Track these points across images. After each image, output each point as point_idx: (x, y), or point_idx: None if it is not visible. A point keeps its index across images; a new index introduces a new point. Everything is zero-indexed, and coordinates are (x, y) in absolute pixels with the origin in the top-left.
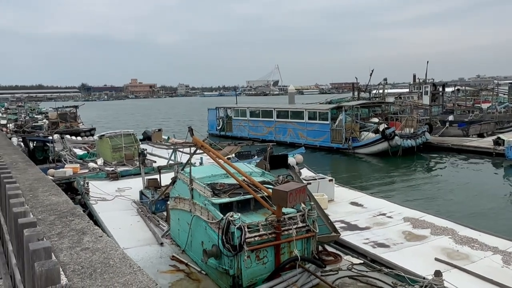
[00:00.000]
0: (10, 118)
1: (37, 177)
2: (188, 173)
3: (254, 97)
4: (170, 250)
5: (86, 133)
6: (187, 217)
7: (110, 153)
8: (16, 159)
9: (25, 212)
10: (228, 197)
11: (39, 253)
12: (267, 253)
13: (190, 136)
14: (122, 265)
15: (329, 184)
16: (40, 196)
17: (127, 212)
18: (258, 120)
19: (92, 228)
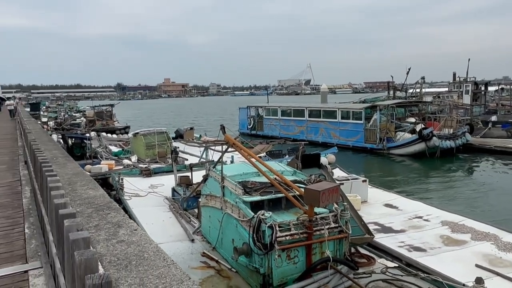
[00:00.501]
0: (50, 116)
1: (76, 172)
2: (219, 170)
3: (285, 96)
4: (201, 247)
5: (121, 131)
6: (218, 215)
7: (143, 151)
8: (56, 154)
9: (65, 204)
10: (259, 196)
11: (78, 243)
12: (298, 253)
13: (222, 134)
14: (156, 258)
15: (362, 185)
16: (79, 190)
17: (159, 208)
18: (289, 119)
19: (127, 221)
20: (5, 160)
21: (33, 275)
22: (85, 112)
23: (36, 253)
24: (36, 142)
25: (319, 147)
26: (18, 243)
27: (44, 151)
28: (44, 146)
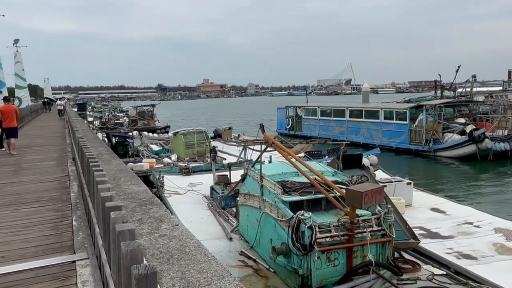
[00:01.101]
0: (96, 116)
1: (120, 168)
2: (258, 170)
3: (325, 96)
4: (238, 246)
5: (162, 130)
6: (256, 214)
7: (183, 150)
8: (101, 151)
9: (111, 197)
10: (298, 196)
11: (124, 234)
12: (338, 255)
13: (261, 134)
14: (197, 253)
15: (406, 187)
16: (123, 185)
17: (198, 206)
18: (329, 119)
19: (169, 216)
20: (55, 156)
21: (80, 265)
22: (128, 112)
23: (83, 244)
24: (83, 139)
25: (360, 148)
26: (67, 234)
27: (91, 148)
28: (91, 144)
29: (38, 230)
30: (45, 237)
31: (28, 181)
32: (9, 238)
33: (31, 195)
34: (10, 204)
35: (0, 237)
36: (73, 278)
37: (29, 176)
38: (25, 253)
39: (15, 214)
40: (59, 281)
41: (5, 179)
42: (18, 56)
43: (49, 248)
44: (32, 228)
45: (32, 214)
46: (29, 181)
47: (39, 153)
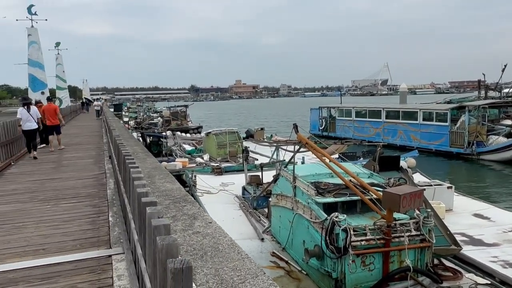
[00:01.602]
0: (131, 116)
1: (154, 166)
2: (291, 170)
3: (359, 97)
4: (270, 246)
5: (194, 131)
6: (289, 215)
7: (215, 150)
8: (136, 150)
9: (146, 193)
10: (332, 197)
11: (159, 229)
12: (374, 259)
13: (294, 134)
14: (231, 251)
15: (447, 191)
16: (157, 183)
17: (229, 206)
18: (364, 120)
19: (203, 214)
20: (92, 154)
21: (116, 260)
22: (161, 112)
23: (118, 239)
24: (119, 138)
25: (397, 150)
26: (103, 229)
27: (127, 146)
28: (126, 142)
29: (76, 224)
30: (83, 231)
31: (67, 178)
32: (49, 232)
33: (70, 191)
34: (51, 199)
35: (41, 230)
36: (109, 272)
37: (68, 173)
38: (65, 246)
39: (55, 209)
40: (96, 274)
41: (46, 175)
42: (59, 58)
43: (87, 242)
44: (71, 222)
45: (71, 209)
46: (68, 178)
47: (77, 151)
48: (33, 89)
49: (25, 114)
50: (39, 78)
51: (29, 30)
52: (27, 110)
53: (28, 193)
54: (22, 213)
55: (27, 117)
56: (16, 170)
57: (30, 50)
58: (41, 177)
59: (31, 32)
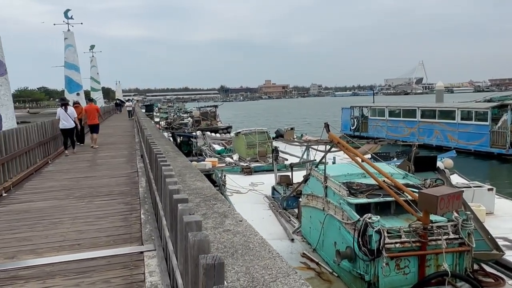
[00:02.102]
0: (162, 117)
1: (185, 165)
2: (322, 170)
3: (393, 96)
4: (300, 247)
5: (224, 131)
6: (320, 216)
7: (245, 150)
8: (167, 149)
9: (178, 190)
10: (365, 198)
11: (191, 225)
12: (409, 263)
13: (325, 133)
14: (262, 250)
15: (487, 194)
16: (188, 181)
17: (259, 206)
18: (398, 120)
19: (233, 212)
20: (125, 154)
21: (148, 256)
22: (191, 112)
23: (150, 236)
24: (151, 137)
25: (433, 150)
26: (135, 226)
27: (158, 145)
28: (158, 142)
29: (109, 221)
30: (116, 228)
31: (101, 176)
32: (84, 227)
33: (104, 188)
34: (86, 196)
35: (77, 226)
36: (141, 268)
37: (102, 171)
38: (98, 242)
39: (89, 206)
40: (128, 269)
41: (81, 173)
42: (93, 61)
43: (119, 238)
44: (104, 219)
45: (105, 206)
46: (102, 176)
47: (111, 150)
48: (69, 91)
49: (63, 114)
50: (75, 80)
51: (65, 33)
52: (64, 110)
53: (65, 190)
54: (59, 209)
55: (64, 117)
56: (52, 168)
57: (66, 53)
58: (76, 175)
59: (68, 35)
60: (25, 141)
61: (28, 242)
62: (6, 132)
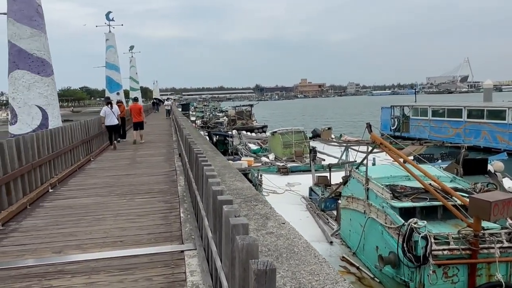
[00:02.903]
0: (198, 116)
1: (224, 165)
2: (363, 172)
3: (435, 95)
4: (340, 250)
5: (259, 130)
6: (361, 219)
7: (281, 149)
8: (206, 148)
9: (221, 191)
10: (410, 202)
11: (238, 228)
12: (458, 271)
13: (366, 134)
14: (307, 254)
15: None
16: (227, 181)
17: (296, 207)
18: (442, 120)
19: (275, 214)
20: (163, 152)
21: (188, 256)
22: (227, 111)
23: (190, 235)
24: (190, 137)
25: (481, 152)
26: (175, 225)
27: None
28: (196, 141)
29: (150, 219)
30: (156, 226)
31: (141, 174)
32: (126, 225)
33: (144, 186)
34: (127, 194)
35: (119, 223)
36: (182, 267)
37: (142, 169)
38: (140, 239)
39: (130, 203)
40: (169, 268)
41: (122, 171)
42: (133, 61)
43: (160, 236)
44: (145, 217)
45: (145, 204)
46: (142, 174)
47: (149, 149)
48: (110, 90)
49: (108, 112)
50: (115, 80)
51: (107, 35)
52: (110, 108)
53: (107, 188)
54: (102, 206)
55: (110, 114)
56: (95, 166)
57: (107, 53)
58: (117, 172)
59: (109, 37)
60: (69, 139)
61: (73, 238)
62: (52, 130)
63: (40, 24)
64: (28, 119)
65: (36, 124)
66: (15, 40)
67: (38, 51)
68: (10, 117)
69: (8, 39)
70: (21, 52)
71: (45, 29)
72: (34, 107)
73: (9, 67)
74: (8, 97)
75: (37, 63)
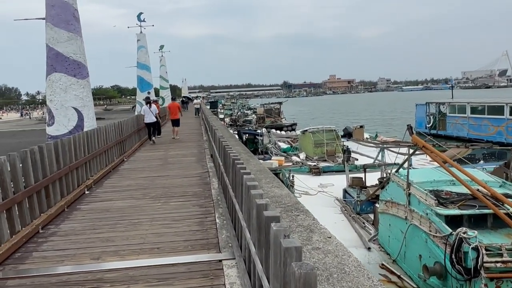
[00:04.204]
0: (226, 113)
1: (259, 168)
2: (403, 176)
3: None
4: (378, 257)
5: (288, 128)
6: (401, 225)
7: (311, 148)
8: (239, 150)
9: (266, 205)
10: (457, 209)
11: (291, 251)
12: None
13: (407, 136)
14: (360, 275)
15: None
16: (265, 187)
17: (330, 209)
18: (482, 117)
19: (319, 226)
20: (194, 152)
21: (227, 266)
22: (255, 109)
23: (227, 243)
24: (224, 139)
25: None
26: (211, 231)
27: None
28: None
29: (186, 224)
30: (192, 232)
31: (174, 176)
32: (162, 230)
33: (178, 189)
34: (161, 196)
35: (155, 228)
36: (221, 278)
37: (175, 170)
38: (177, 246)
39: (165, 207)
40: (208, 279)
41: (155, 172)
42: (162, 60)
43: (197, 244)
44: (181, 222)
45: (180, 208)
46: (175, 176)
47: (181, 149)
48: (141, 89)
49: (147, 111)
50: (146, 79)
51: (138, 35)
52: (149, 107)
53: (141, 190)
54: (137, 209)
55: (148, 113)
56: (128, 166)
57: (139, 54)
58: (150, 174)
59: (140, 37)
60: (104, 140)
61: (111, 243)
62: (88, 132)
63: (77, 28)
64: (65, 121)
65: (72, 125)
66: (52, 44)
67: (74, 54)
68: (47, 118)
69: (46, 43)
70: (59, 55)
71: (81, 33)
72: (70, 108)
73: (47, 70)
74: (46, 99)
75: (74, 65)
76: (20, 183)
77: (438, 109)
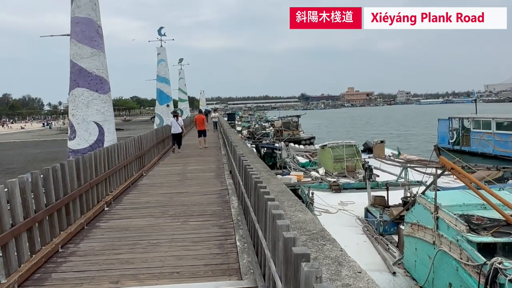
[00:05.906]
0: (243, 126)
1: (280, 189)
2: (431, 198)
3: (495, 104)
4: (404, 283)
5: (306, 141)
6: (429, 250)
7: (331, 164)
8: (258, 168)
9: (295, 239)
10: (491, 236)
11: None
12: None
13: (434, 156)
14: None
15: None
16: (287, 211)
17: (351, 229)
18: (508, 133)
19: (348, 259)
20: (213, 168)
21: None
22: (273, 122)
23: (248, 269)
24: (245, 158)
25: None
26: (232, 255)
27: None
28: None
29: (205, 246)
30: (212, 255)
31: (193, 192)
32: (182, 253)
33: (197, 207)
34: (180, 215)
35: (174, 250)
36: None
37: (193, 186)
38: (197, 271)
39: (184, 227)
40: None
41: (174, 188)
42: (181, 73)
43: (217, 269)
44: (200, 244)
45: (199, 228)
46: (194, 193)
47: (199, 163)
48: (160, 102)
49: (174, 123)
50: (165, 92)
51: (158, 49)
52: (176, 120)
53: (159, 207)
54: (156, 228)
55: (175, 125)
56: (147, 181)
57: (158, 67)
58: (169, 190)
59: (160, 51)
60: (124, 155)
61: (130, 266)
62: (109, 148)
63: (100, 44)
64: (86, 135)
65: (93, 140)
66: (76, 59)
67: (97, 70)
68: (69, 132)
69: (70, 58)
70: (82, 71)
71: (104, 48)
72: (91, 123)
73: (70, 85)
74: (68, 113)
75: (96, 81)
76: (41, 201)
77: (461, 124)
